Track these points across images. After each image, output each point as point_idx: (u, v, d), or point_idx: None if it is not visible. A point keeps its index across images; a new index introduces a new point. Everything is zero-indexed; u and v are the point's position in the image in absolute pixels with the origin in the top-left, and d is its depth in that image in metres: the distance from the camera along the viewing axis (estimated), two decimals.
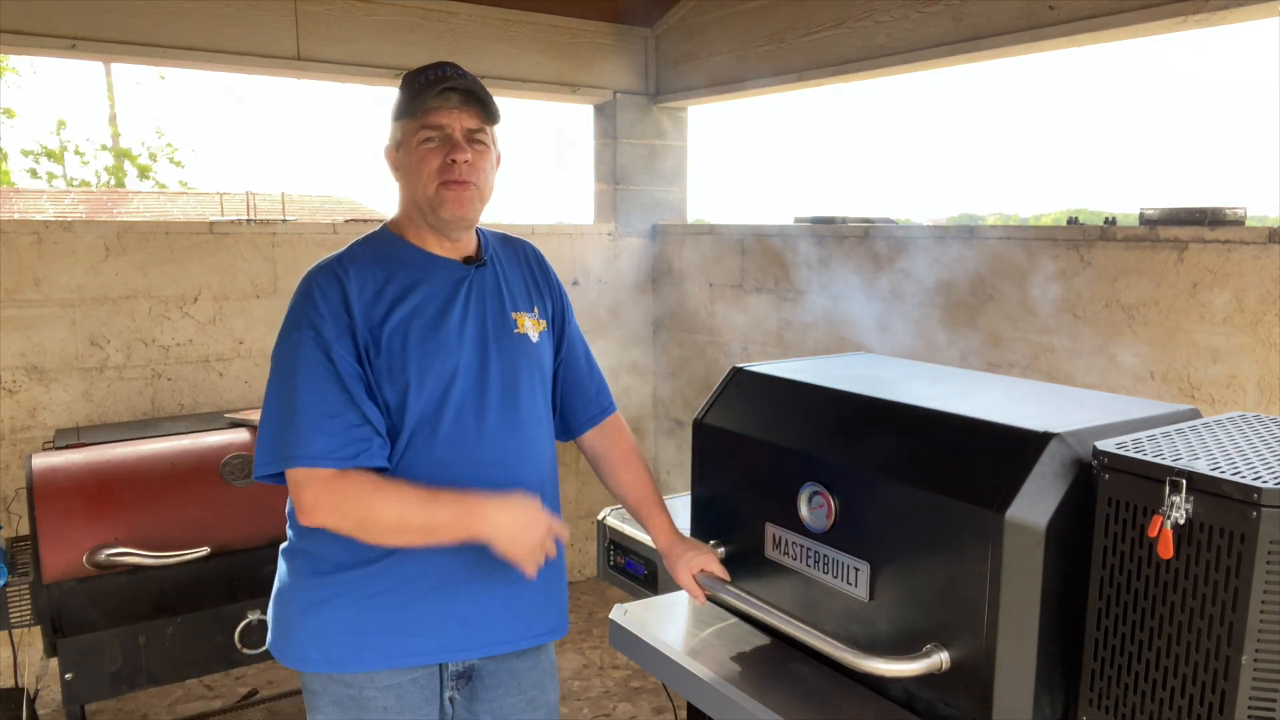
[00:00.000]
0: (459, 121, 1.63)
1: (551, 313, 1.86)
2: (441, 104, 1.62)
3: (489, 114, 1.67)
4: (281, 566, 1.71)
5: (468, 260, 1.72)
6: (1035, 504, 1.28)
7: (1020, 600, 1.28)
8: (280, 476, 1.56)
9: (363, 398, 1.57)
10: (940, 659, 1.36)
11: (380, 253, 1.67)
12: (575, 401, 1.92)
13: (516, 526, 1.57)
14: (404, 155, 1.66)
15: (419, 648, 1.66)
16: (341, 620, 1.63)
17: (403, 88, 1.66)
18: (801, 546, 1.61)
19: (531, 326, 1.77)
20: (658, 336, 4.69)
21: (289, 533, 1.71)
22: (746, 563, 1.75)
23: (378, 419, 1.58)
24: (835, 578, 1.55)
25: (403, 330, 1.61)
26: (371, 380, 1.59)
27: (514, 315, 1.74)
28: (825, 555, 1.56)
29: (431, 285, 1.67)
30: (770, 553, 1.69)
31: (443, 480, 1.61)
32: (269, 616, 1.73)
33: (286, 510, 1.66)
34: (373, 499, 1.54)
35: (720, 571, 1.75)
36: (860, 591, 1.50)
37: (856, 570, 1.50)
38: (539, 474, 1.76)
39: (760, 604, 1.64)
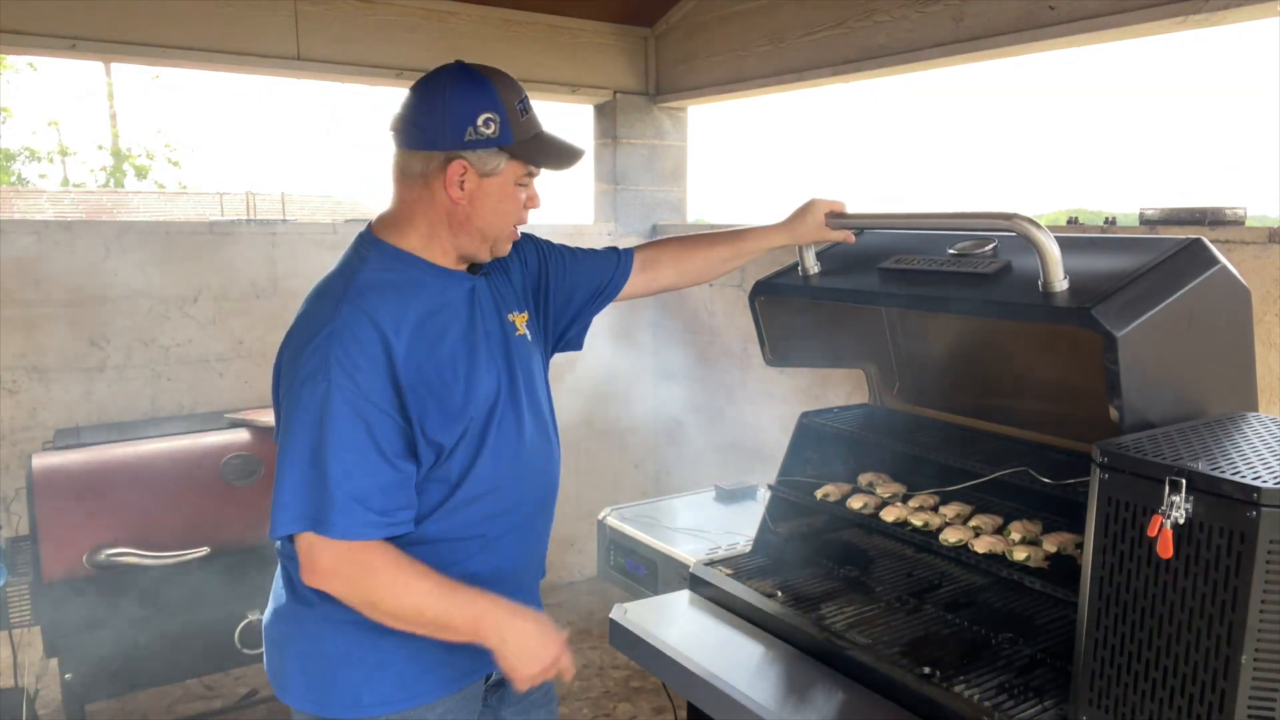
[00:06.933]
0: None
1: (536, 280, 1.83)
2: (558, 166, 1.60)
3: None
4: (300, 610, 1.57)
5: (471, 269, 1.67)
6: None
7: None
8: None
9: (401, 456, 1.47)
10: None
11: (397, 278, 1.54)
12: (603, 281, 1.94)
13: (529, 646, 1.51)
14: (493, 187, 1.56)
15: (471, 666, 1.62)
16: (400, 660, 1.55)
17: (508, 114, 1.53)
18: None
19: (522, 323, 1.74)
20: (657, 336, 4.68)
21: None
22: None
23: (412, 478, 1.49)
24: None
25: (451, 360, 1.53)
26: (417, 423, 1.48)
27: (511, 318, 1.71)
28: None
29: (454, 304, 1.59)
30: None
31: (492, 495, 1.58)
32: (284, 669, 1.61)
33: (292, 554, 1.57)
34: (394, 582, 1.45)
35: (843, 208, 1.98)
36: None
37: None
38: (559, 471, 1.76)
39: None
